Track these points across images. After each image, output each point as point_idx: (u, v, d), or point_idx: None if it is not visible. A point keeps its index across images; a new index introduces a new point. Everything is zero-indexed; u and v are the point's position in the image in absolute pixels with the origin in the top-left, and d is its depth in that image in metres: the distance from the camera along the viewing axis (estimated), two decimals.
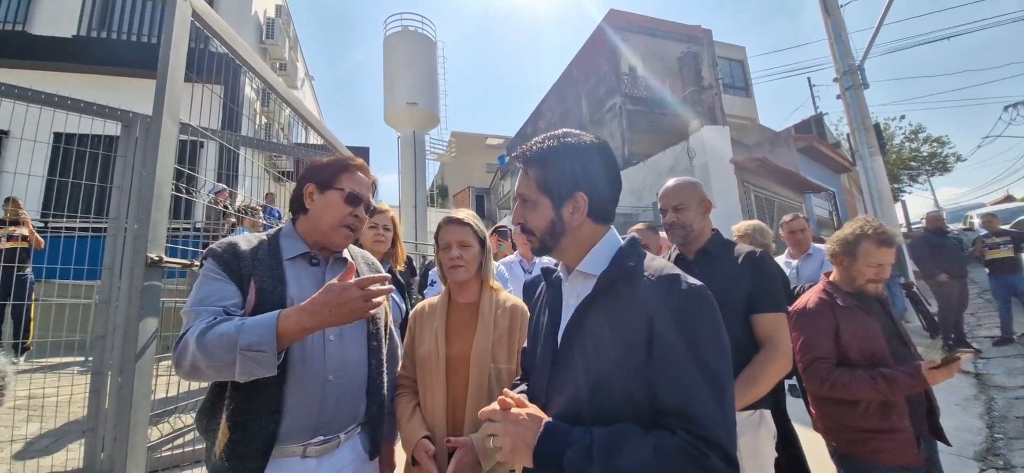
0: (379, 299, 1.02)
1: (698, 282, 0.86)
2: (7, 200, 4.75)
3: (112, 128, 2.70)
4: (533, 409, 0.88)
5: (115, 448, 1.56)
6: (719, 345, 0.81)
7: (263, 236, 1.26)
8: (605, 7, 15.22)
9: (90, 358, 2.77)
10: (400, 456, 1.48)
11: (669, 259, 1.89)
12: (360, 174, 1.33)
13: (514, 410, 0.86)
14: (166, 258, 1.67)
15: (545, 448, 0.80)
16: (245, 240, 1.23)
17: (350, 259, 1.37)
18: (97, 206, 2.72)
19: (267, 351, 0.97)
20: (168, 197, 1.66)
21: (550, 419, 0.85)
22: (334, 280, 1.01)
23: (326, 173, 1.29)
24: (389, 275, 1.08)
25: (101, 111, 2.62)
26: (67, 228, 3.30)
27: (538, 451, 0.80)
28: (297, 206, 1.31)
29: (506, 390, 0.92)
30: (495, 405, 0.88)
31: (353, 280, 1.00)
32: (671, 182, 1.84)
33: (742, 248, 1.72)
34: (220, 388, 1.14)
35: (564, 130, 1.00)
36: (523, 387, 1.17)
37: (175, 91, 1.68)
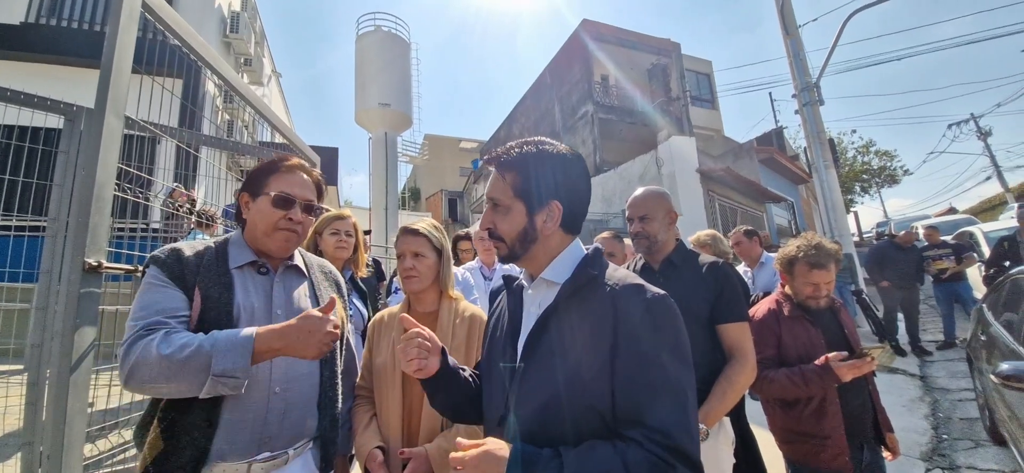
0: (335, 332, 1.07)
1: (661, 291, 0.87)
2: None
3: (59, 122, 2.53)
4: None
5: (50, 466, 1.45)
6: (681, 354, 0.82)
7: (210, 243, 1.21)
8: (580, 17, 15.43)
9: (27, 368, 2.58)
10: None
11: (635, 268, 1.90)
12: (300, 173, 1.27)
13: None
14: (107, 263, 1.56)
15: None
16: (190, 246, 1.17)
17: (303, 268, 1.32)
18: (45, 205, 2.54)
19: (240, 377, 0.98)
20: (110, 198, 1.55)
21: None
22: (315, 310, 1.06)
23: (255, 179, 1.25)
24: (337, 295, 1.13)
25: (42, 103, 2.44)
26: (2, 228, 3.07)
27: None
28: (238, 216, 1.27)
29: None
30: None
31: (320, 314, 1.05)
32: (639, 191, 1.85)
33: (705, 258, 1.75)
34: (158, 399, 1.08)
35: (540, 138, 0.99)
36: None
37: (120, 84, 1.58)
